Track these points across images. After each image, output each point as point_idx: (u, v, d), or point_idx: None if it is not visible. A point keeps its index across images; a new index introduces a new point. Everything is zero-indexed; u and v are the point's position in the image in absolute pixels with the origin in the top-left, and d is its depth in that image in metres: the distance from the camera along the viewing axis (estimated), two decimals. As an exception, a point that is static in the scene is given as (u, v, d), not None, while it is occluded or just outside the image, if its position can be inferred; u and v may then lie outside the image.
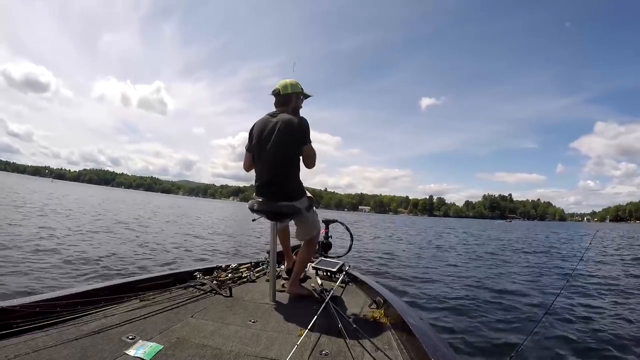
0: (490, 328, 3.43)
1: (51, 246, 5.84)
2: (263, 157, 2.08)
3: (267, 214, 2.06)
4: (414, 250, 10.75)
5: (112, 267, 4.96)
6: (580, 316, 3.88)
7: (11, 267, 4.30)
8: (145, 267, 5.17)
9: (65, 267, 4.65)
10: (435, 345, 1.23)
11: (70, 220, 10.29)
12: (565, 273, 7.03)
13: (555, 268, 7.93)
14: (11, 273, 4.08)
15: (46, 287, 3.70)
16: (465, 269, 7.37)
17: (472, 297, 4.64)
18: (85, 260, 5.12)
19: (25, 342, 1.20)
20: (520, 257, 10.21)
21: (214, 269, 2.44)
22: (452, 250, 11.65)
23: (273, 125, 2.05)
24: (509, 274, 6.77)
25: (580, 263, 6.35)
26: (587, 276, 6.58)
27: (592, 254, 10.58)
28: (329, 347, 1.39)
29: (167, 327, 1.48)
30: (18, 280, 3.87)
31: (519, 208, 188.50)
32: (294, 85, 2.14)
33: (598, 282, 6.10)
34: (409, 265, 7.49)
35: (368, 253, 8.98)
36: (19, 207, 12.10)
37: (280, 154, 2.04)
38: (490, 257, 9.71)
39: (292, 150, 2.06)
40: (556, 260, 9.60)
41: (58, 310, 1.43)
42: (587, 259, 8.92)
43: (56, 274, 4.29)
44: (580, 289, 5.40)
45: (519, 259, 9.57)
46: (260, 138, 2.07)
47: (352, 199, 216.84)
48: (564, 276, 6.60)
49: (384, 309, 1.86)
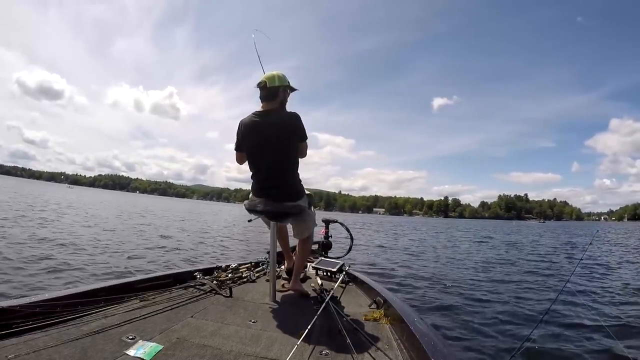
0: (491, 328, 3.42)
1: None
2: (264, 159, 2.05)
3: (270, 214, 2.05)
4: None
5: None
6: (580, 316, 3.88)
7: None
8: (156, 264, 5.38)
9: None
10: (435, 345, 1.23)
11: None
12: (565, 273, 7.02)
13: (556, 268, 7.92)
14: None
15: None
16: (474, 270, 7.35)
17: (473, 297, 4.64)
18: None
19: (25, 342, 1.20)
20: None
21: (214, 269, 2.45)
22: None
23: (269, 126, 2.00)
24: (511, 274, 6.77)
25: (580, 263, 6.34)
26: (587, 276, 6.58)
27: (595, 253, 10.56)
28: (329, 347, 1.39)
29: (167, 327, 1.48)
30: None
31: (535, 208, 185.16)
32: (281, 77, 2.05)
33: (598, 281, 6.09)
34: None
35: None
36: (85, 224, 10.66)
37: (282, 156, 2.04)
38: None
39: (292, 151, 2.06)
40: (562, 260, 9.57)
41: (58, 311, 1.43)
42: (587, 259, 8.91)
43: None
44: (581, 289, 5.40)
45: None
46: (257, 140, 2.04)
47: (366, 201, 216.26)
48: (564, 276, 6.60)
49: (384, 309, 1.86)
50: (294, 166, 2.10)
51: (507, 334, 3.30)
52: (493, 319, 3.74)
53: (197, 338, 1.40)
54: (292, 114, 2.06)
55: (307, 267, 2.78)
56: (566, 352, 2.90)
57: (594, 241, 12.18)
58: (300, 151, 2.10)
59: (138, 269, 5.07)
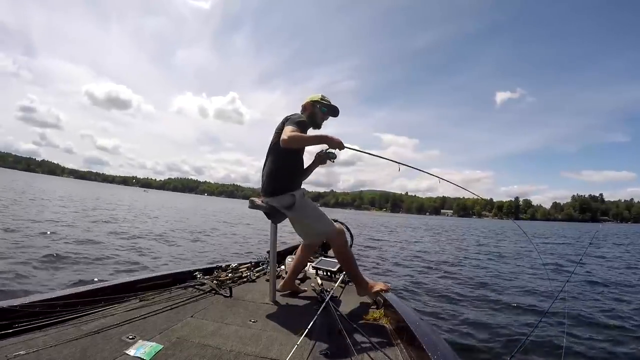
0: (491, 328, 3.42)
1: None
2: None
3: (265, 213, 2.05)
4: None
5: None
6: (580, 316, 3.88)
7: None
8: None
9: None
10: (435, 345, 1.23)
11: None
12: (566, 272, 7.02)
13: (557, 268, 7.92)
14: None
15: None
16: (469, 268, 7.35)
17: (473, 298, 4.64)
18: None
19: (25, 342, 1.20)
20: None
21: (214, 268, 2.45)
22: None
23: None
24: (512, 274, 6.77)
25: (581, 264, 6.34)
26: (588, 276, 6.58)
27: (596, 253, 10.54)
28: (329, 347, 1.39)
29: (167, 327, 1.48)
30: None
31: (611, 209, 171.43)
32: (313, 96, 2.14)
33: (598, 282, 6.09)
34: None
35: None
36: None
37: (269, 150, 2.05)
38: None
39: (275, 142, 1.99)
40: (559, 260, 9.57)
41: (58, 310, 1.43)
42: (588, 257, 8.89)
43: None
44: (581, 288, 5.40)
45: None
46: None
47: (433, 202, 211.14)
48: (564, 276, 6.59)
49: (384, 309, 1.86)
50: (278, 161, 2.02)
51: (508, 333, 3.29)
52: (493, 319, 3.74)
53: (197, 338, 1.40)
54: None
55: (307, 267, 2.78)
56: (566, 352, 2.90)
57: (594, 241, 12.18)
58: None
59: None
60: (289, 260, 2.69)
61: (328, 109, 2.12)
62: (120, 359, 1.17)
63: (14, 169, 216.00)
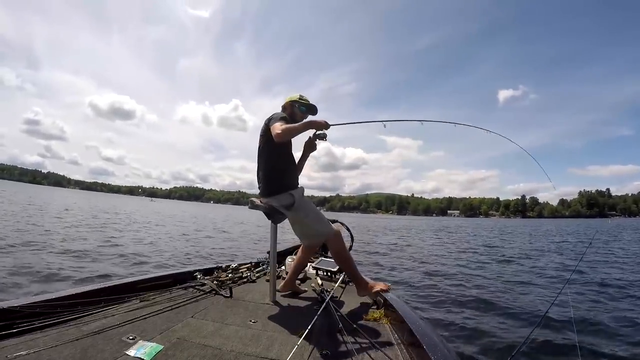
0: (491, 328, 3.42)
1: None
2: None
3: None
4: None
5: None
6: (580, 316, 3.87)
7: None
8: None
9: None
10: (435, 345, 1.23)
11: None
12: (566, 271, 7.01)
13: (556, 268, 7.91)
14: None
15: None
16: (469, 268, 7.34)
17: (473, 297, 4.63)
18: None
19: (25, 343, 1.21)
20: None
21: (214, 269, 2.45)
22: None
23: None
24: (513, 274, 6.76)
25: (581, 263, 6.32)
26: (587, 276, 6.57)
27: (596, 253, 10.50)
28: (329, 347, 1.39)
29: (167, 327, 1.48)
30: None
31: (618, 204, 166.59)
32: (292, 96, 2.18)
33: (599, 281, 6.08)
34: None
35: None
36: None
37: (259, 154, 2.07)
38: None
39: (264, 143, 2.04)
40: (558, 259, 9.56)
41: (58, 311, 1.44)
42: (593, 256, 8.85)
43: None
44: (581, 288, 5.39)
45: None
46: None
47: (440, 203, 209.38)
48: (565, 276, 6.58)
49: (384, 309, 1.86)
50: (269, 161, 2.06)
51: (508, 333, 3.29)
52: (494, 318, 3.73)
53: (197, 338, 1.40)
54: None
55: (307, 267, 2.78)
56: (566, 351, 2.90)
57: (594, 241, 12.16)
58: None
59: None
60: (289, 260, 2.69)
61: (307, 108, 2.17)
62: (121, 359, 1.18)
63: (20, 181, 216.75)
